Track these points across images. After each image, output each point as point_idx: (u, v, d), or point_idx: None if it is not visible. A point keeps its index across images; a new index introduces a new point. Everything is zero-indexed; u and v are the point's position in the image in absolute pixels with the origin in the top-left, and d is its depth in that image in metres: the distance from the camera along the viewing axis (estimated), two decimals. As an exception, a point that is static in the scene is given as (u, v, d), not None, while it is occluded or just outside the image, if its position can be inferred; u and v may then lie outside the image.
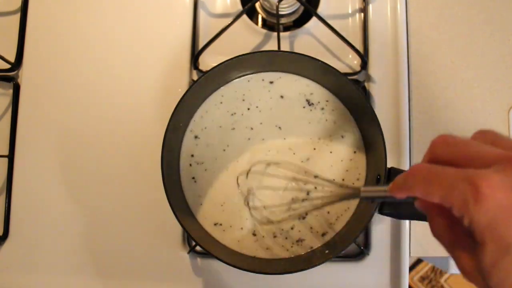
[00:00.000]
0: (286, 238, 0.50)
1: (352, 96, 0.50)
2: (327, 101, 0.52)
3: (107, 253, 0.54)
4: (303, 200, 0.50)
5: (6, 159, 0.55)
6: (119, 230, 0.54)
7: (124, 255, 0.54)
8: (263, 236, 0.50)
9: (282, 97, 0.53)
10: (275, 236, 0.50)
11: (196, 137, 0.52)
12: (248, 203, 0.50)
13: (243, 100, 0.53)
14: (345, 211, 0.51)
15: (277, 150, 0.51)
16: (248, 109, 0.52)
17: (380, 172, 0.46)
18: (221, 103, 0.53)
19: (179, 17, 0.57)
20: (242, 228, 0.51)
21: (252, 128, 0.52)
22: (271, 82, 0.53)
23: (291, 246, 0.50)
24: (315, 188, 0.50)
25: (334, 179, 0.51)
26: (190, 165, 0.52)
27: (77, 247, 0.54)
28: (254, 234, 0.50)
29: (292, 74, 0.53)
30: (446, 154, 0.27)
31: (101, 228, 0.54)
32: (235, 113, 0.52)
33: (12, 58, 0.57)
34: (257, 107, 0.52)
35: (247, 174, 0.50)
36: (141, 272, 0.54)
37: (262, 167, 0.50)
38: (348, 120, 0.52)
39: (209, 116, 0.52)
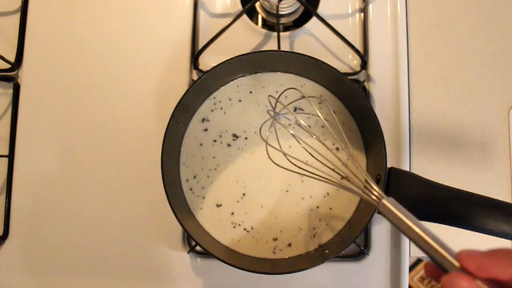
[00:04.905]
0: (287, 237, 0.50)
1: (352, 96, 0.50)
2: (326, 100, 0.52)
3: (107, 253, 0.54)
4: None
5: (6, 159, 0.55)
6: (119, 230, 0.54)
7: (124, 255, 0.54)
8: (263, 237, 0.50)
9: (281, 96, 0.53)
10: (276, 236, 0.50)
11: (196, 137, 0.52)
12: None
13: (243, 100, 0.53)
14: (345, 210, 0.51)
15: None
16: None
17: (380, 172, 0.46)
18: (220, 102, 0.53)
19: (179, 17, 0.57)
20: (242, 228, 0.51)
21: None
22: (270, 82, 0.53)
23: (291, 246, 0.50)
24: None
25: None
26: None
27: (77, 247, 0.54)
28: (254, 235, 0.50)
29: (292, 74, 0.53)
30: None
31: (101, 228, 0.54)
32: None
33: (12, 58, 0.57)
34: (258, 106, 0.52)
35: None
36: (141, 272, 0.54)
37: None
38: (348, 120, 0.52)
39: (209, 116, 0.52)
